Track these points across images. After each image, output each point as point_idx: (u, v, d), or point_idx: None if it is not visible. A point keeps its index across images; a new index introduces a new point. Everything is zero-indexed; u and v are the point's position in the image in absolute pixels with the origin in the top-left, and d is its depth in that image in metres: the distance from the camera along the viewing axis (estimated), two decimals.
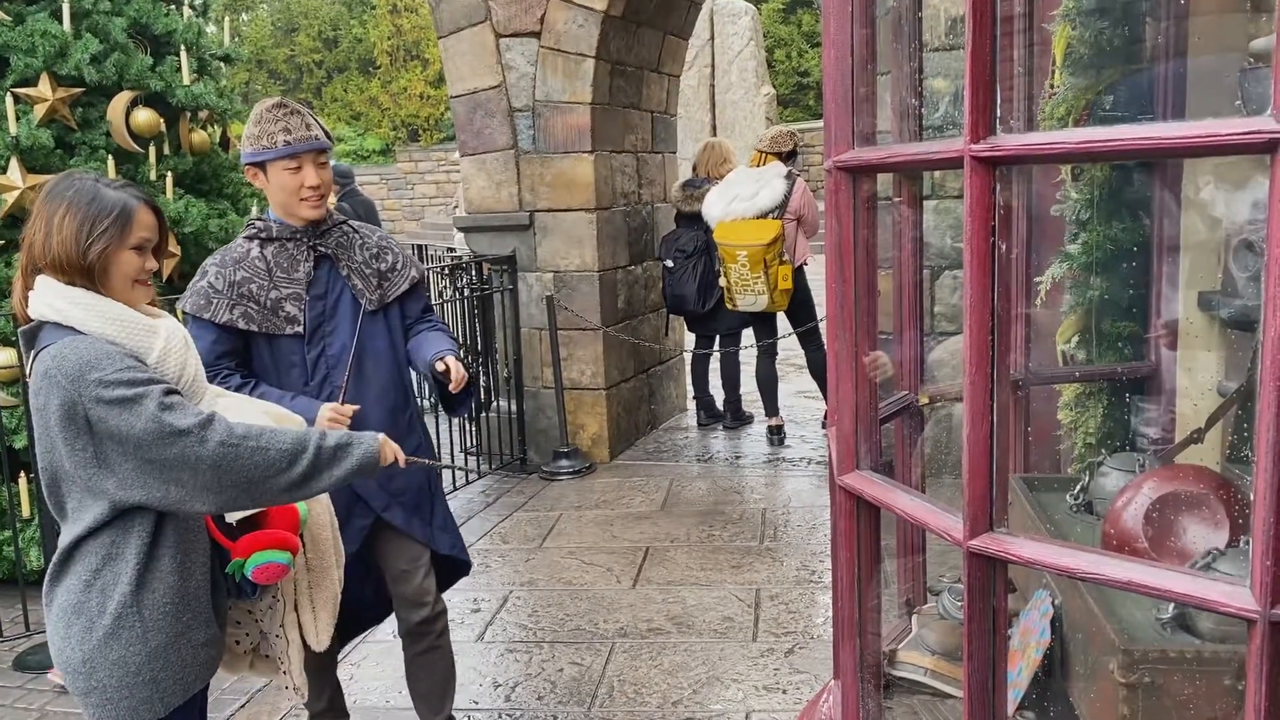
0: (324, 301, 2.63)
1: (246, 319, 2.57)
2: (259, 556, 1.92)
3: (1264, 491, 1.06)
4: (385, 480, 2.65)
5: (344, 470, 1.92)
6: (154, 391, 1.77)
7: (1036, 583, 1.95)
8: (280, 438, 1.85)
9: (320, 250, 2.65)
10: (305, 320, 2.60)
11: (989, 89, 1.22)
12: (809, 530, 4.76)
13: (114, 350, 1.79)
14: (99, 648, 1.81)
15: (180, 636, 1.87)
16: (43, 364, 1.78)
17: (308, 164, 2.55)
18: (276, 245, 2.62)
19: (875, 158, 1.51)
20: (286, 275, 2.60)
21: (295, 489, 1.87)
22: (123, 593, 1.81)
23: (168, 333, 1.88)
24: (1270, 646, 1.07)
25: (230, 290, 2.57)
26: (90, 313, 1.81)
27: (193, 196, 4.98)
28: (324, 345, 2.62)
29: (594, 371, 5.98)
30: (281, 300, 2.59)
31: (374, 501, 2.68)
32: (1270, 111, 1.02)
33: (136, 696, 1.83)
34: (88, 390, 1.73)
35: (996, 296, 1.26)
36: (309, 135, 2.55)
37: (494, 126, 5.89)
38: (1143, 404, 2.37)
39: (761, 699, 3.27)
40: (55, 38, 4.48)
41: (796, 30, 22.42)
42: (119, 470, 1.77)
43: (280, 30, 24.91)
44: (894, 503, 1.52)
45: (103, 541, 1.82)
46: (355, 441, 1.95)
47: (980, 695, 1.33)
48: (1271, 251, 1.04)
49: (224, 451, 1.78)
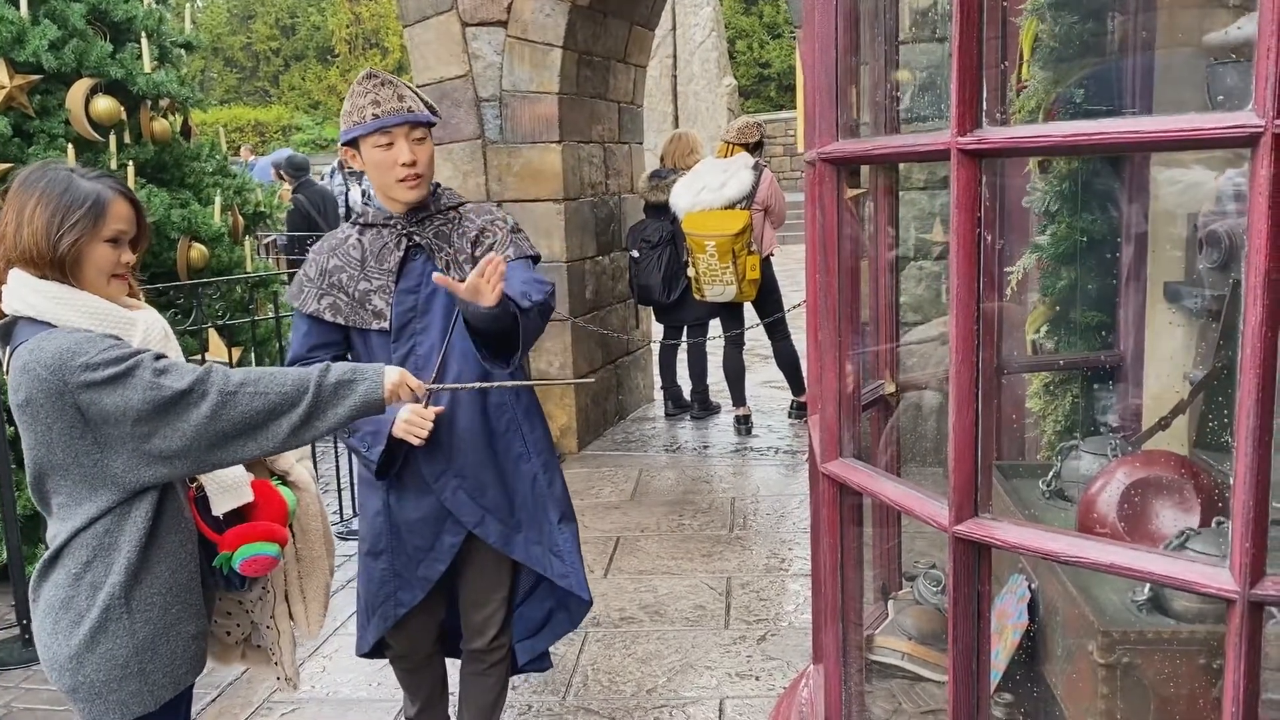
0: (415, 296, 2.36)
1: (334, 310, 2.37)
2: (246, 549, 1.91)
3: (1244, 475, 1.10)
4: (477, 493, 2.42)
5: (347, 408, 1.85)
6: (145, 359, 1.74)
7: (1011, 567, 1.99)
8: (280, 379, 1.81)
9: (415, 239, 2.39)
10: (391, 316, 2.36)
11: (975, 82, 1.24)
12: (778, 519, 4.80)
13: (91, 335, 1.76)
14: (86, 642, 1.79)
15: (169, 629, 1.85)
16: (20, 359, 1.75)
17: (400, 139, 2.29)
18: (374, 232, 2.40)
19: (860, 150, 1.53)
20: (378, 266, 2.37)
21: (301, 430, 1.82)
22: (113, 585, 1.79)
23: (146, 324, 1.86)
24: (1249, 626, 1.11)
25: (321, 279, 2.39)
26: (64, 306, 1.78)
27: (154, 186, 4.91)
28: (413, 344, 2.35)
29: (562, 362, 5.98)
30: (370, 292, 2.36)
31: (466, 517, 2.42)
32: (1251, 106, 1.05)
33: (125, 690, 1.81)
34: (74, 378, 1.70)
35: (983, 288, 1.28)
36: (400, 107, 2.29)
37: (460, 116, 5.86)
38: (1111, 391, 2.42)
39: (735, 685, 3.30)
40: (12, 24, 4.39)
41: (758, 21, 22.50)
42: (123, 450, 1.75)
43: (236, 18, 24.56)
44: (879, 489, 1.54)
45: (95, 534, 1.79)
46: (359, 376, 1.87)
47: (965, 678, 1.36)
48: (1252, 242, 1.07)
49: (223, 401, 1.75)
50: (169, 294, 4.71)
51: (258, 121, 21.52)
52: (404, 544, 2.46)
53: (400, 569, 2.48)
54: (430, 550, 2.46)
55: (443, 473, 2.40)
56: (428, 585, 2.48)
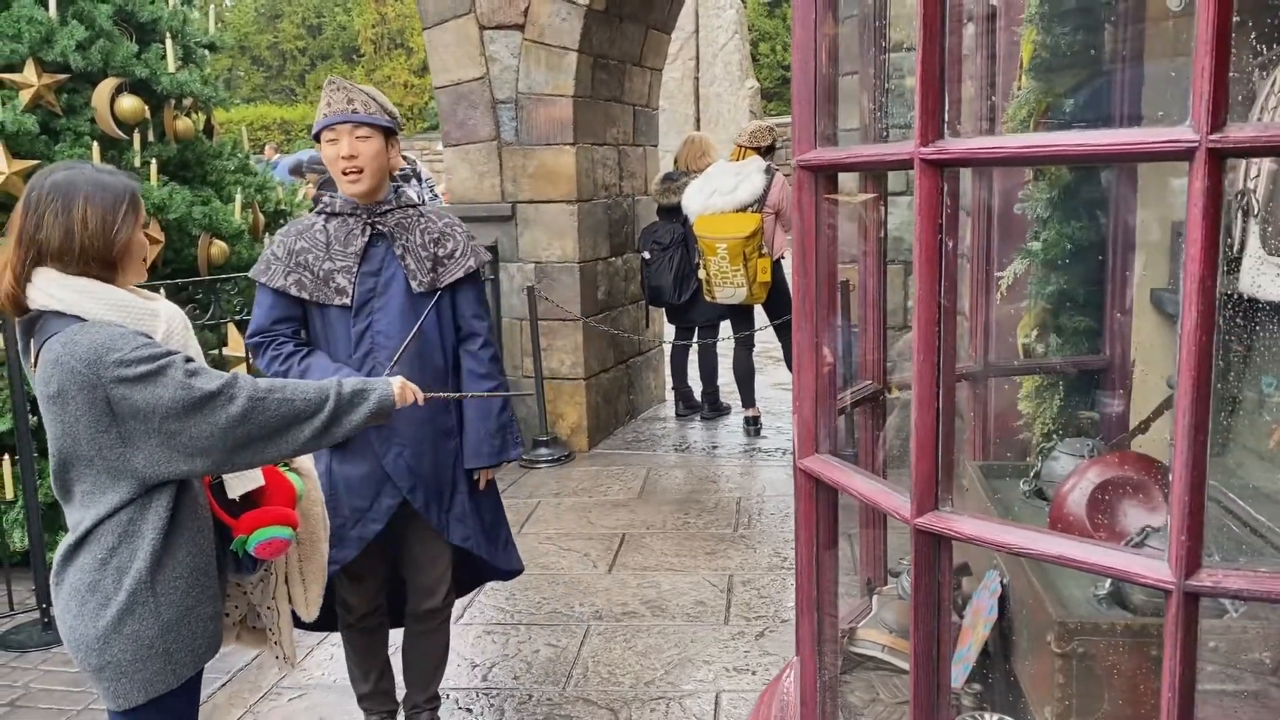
0: (375, 278, 2.67)
1: (299, 286, 2.64)
2: (261, 533, 2.00)
3: (1180, 471, 1.15)
4: (415, 463, 2.70)
5: (362, 414, 2.01)
6: (176, 360, 1.84)
7: (989, 564, 2.04)
8: (302, 388, 1.96)
9: (377, 228, 2.68)
10: (354, 293, 2.64)
11: (938, 94, 1.31)
12: (782, 519, 4.86)
13: (124, 330, 1.84)
14: (113, 623, 1.87)
15: (190, 610, 1.93)
16: (52, 352, 1.82)
17: (344, 135, 2.61)
18: (338, 220, 2.69)
19: (835, 158, 1.59)
20: (342, 249, 2.66)
21: (320, 436, 1.96)
22: (139, 570, 1.87)
23: (168, 316, 1.95)
24: (1184, 615, 1.16)
25: (289, 258, 2.66)
26: (95, 300, 1.86)
27: (176, 184, 5.02)
28: (370, 320, 2.66)
29: (574, 361, 6.05)
30: (334, 272, 2.64)
31: (401, 482, 2.70)
32: (1189, 122, 1.11)
33: (150, 669, 1.89)
34: (107, 372, 1.78)
35: (944, 290, 1.35)
36: (346, 109, 2.62)
37: (477, 118, 5.95)
38: (1097, 395, 2.47)
39: (731, 679, 3.36)
40: (41, 24, 4.51)
41: (781, 24, 22.50)
42: (145, 446, 1.83)
43: (264, 16, 24.81)
44: (850, 484, 1.60)
45: (119, 521, 1.87)
46: (371, 387, 2.05)
47: (925, 664, 1.42)
48: (1188, 250, 1.12)
49: (252, 406, 1.87)
50: (189, 289, 4.82)
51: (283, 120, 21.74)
52: (342, 505, 2.69)
53: (337, 529, 2.67)
54: (368, 511, 2.70)
55: (388, 439, 2.67)
56: (363, 544, 2.71)
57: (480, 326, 2.83)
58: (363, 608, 2.87)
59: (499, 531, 2.93)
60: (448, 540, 2.81)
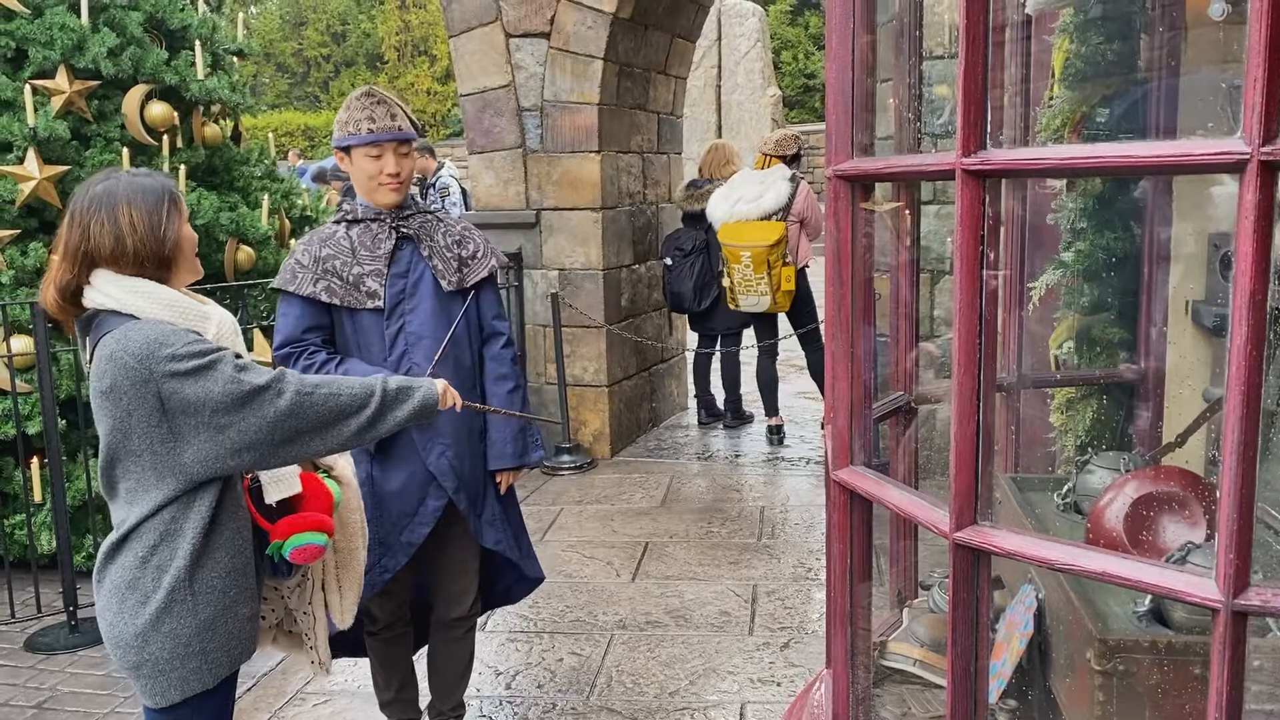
0: (405, 280, 2.68)
1: (329, 293, 2.64)
2: (297, 538, 2.01)
3: (1229, 489, 1.13)
4: (458, 462, 2.71)
5: (406, 412, 2.04)
6: (226, 355, 1.87)
7: (1023, 578, 2.02)
8: (348, 383, 1.98)
9: (403, 231, 2.71)
10: (385, 296, 2.65)
11: (980, 105, 1.29)
12: (806, 529, 4.83)
13: (175, 329, 1.88)
14: (152, 622, 1.89)
15: (227, 610, 1.95)
16: (106, 348, 1.85)
17: (388, 152, 2.63)
18: (361, 226, 2.70)
19: (873, 168, 1.58)
20: (370, 253, 2.67)
21: (364, 432, 1.98)
22: (178, 568, 1.89)
23: (219, 319, 1.98)
24: (1232, 634, 1.14)
25: (315, 266, 2.65)
26: (149, 300, 1.90)
27: (205, 189, 5.05)
28: (403, 322, 2.67)
29: (597, 368, 6.05)
30: (363, 276, 2.65)
31: (446, 482, 2.70)
32: (1240, 134, 1.10)
33: (187, 667, 1.91)
34: (160, 367, 1.81)
35: (984, 302, 1.33)
36: (392, 125, 2.63)
37: (502, 125, 5.96)
38: (1132, 408, 2.44)
39: (756, 690, 3.34)
40: (73, 31, 4.56)
41: (804, 32, 22.50)
42: (194, 440, 1.85)
43: (289, 24, 25.01)
44: (885, 497, 1.59)
45: (162, 519, 1.89)
46: (415, 385, 2.09)
47: (963, 680, 1.40)
48: (1239, 265, 1.11)
49: (300, 400, 1.89)
50: (216, 295, 4.85)
51: (307, 126, 21.90)
52: (388, 511, 2.68)
53: (384, 536, 2.68)
54: (414, 515, 2.70)
55: (431, 438, 2.67)
56: (411, 550, 2.70)
57: (503, 326, 2.88)
58: (386, 619, 2.88)
59: (523, 538, 2.95)
60: (480, 543, 2.80)
